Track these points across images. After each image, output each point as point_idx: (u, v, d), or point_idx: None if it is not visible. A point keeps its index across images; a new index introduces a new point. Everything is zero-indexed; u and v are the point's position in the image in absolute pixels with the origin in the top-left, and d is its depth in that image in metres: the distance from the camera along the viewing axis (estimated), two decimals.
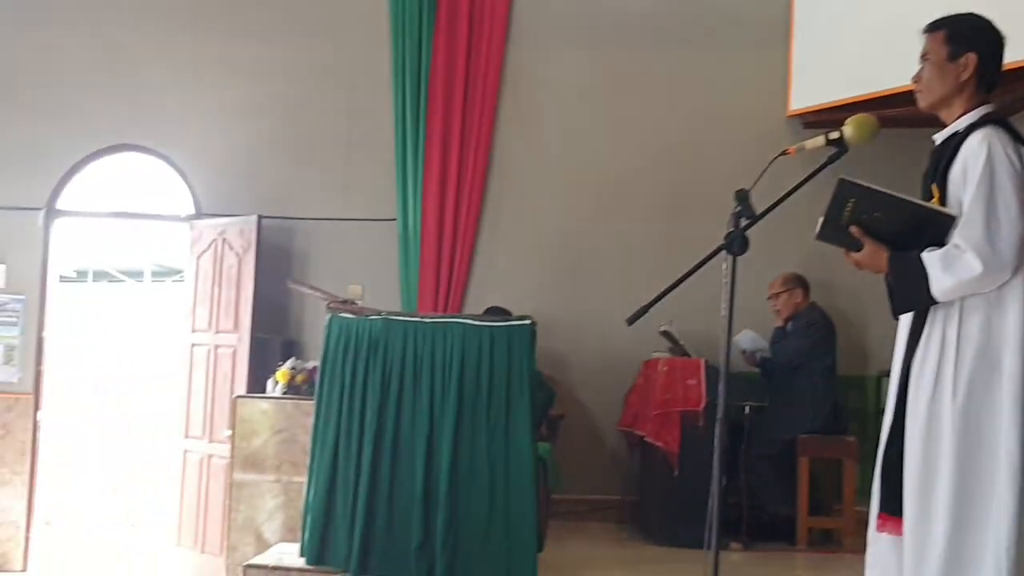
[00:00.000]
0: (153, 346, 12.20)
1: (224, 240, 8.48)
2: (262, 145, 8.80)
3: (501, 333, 6.24)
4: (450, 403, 6.17)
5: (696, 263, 3.96)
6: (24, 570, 8.64)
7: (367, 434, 6.22)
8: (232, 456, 7.59)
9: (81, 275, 13.02)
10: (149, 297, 12.67)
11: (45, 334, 8.91)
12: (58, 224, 9.06)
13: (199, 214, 8.81)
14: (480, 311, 7.55)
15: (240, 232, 8.37)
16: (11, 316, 8.86)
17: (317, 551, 6.24)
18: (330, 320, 6.49)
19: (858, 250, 3.77)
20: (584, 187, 8.60)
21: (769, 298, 7.77)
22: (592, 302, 8.38)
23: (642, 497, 7.93)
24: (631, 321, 4.08)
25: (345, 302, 7.16)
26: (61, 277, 9.74)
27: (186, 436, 8.58)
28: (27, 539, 8.71)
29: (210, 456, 8.28)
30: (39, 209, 8.89)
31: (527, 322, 6.21)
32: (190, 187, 8.87)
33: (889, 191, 3.70)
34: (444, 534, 6.03)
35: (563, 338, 8.19)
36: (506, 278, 8.49)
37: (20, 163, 8.92)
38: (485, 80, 8.59)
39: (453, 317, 6.67)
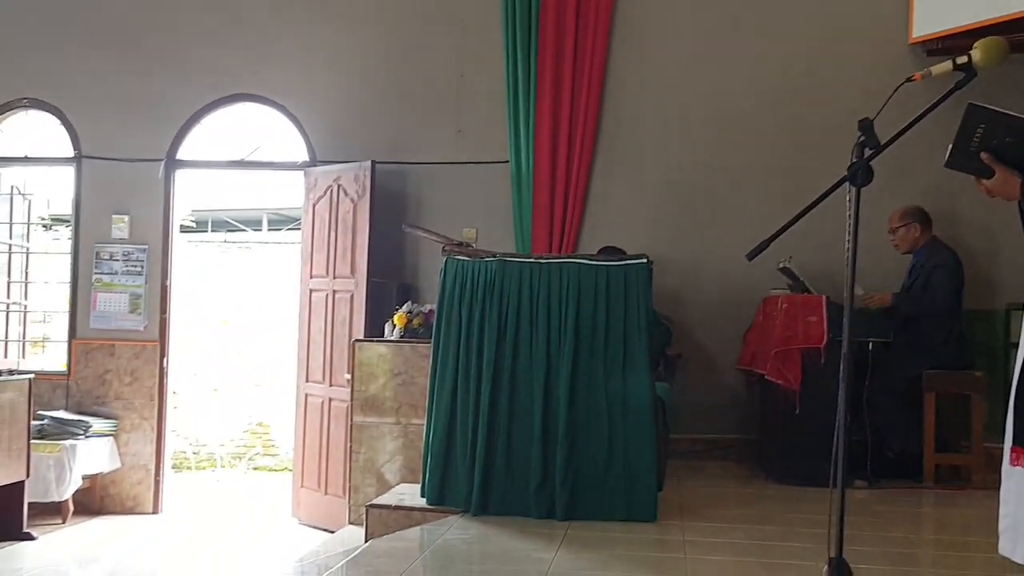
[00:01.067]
0: (272, 293, 12.39)
1: (339, 186, 8.54)
2: (375, 91, 8.82)
3: (617, 272, 6.20)
4: (567, 343, 6.15)
5: (817, 196, 3.85)
6: (155, 512, 8.91)
7: (485, 375, 6.24)
8: (352, 399, 7.70)
9: (201, 225, 13.27)
10: (267, 245, 12.85)
11: (169, 283, 9.09)
12: (178, 175, 9.21)
13: (314, 161, 8.89)
14: (594, 251, 7.49)
15: (355, 178, 8.42)
16: (136, 266, 9.06)
17: (437, 491, 6.29)
18: (446, 263, 6.50)
19: (989, 177, 3.64)
20: (699, 123, 8.45)
21: (889, 232, 7.58)
22: (708, 240, 8.26)
23: (762, 436, 7.84)
24: (751, 256, 4.00)
25: (460, 245, 7.18)
26: (182, 227, 9.93)
27: (306, 380, 8.71)
28: (157, 482, 8.96)
29: (330, 399, 8.40)
30: (160, 160, 9.05)
31: (643, 260, 6.15)
32: (305, 135, 8.94)
33: (1020, 115, 3.55)
34: (563, 474, 6.04)
35: (679, 277, 8.10)
36: (620, 217, 8.41)
37: (141, 116, 9.08)
38: (596, 16, 8.46)
39: (568, 257, 6.63)
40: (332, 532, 7.78)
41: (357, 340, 7.85)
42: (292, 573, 6.34)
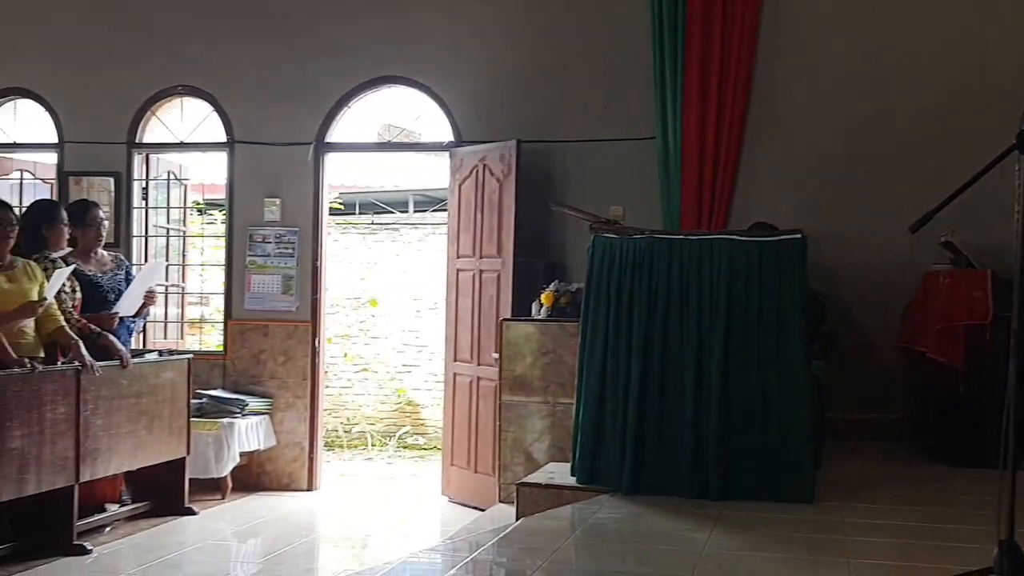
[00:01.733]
0: (420, 273, 12.50)
1: (485, 166, 8.55)
2: (519, 70, 8.80)
3: (770, 248, 6.08)
4: (719, 321, 6.06)
5: (984, 166, 3.70)
6: (310, 489, 9.08)
7: (634, 354, 6.19)
8: (500, 378, 7.72)
9: (348, 207, 13.46)
10: (414, 226, 12.97)
11: (319, 264, 9.24)
12: (327, 158, 9.34)
13: (459, 142, 8.91)
14: (744, 227, 7.34)
15: (500, 157, 8.42)
16: (287, 248, 9.23)
17: (588, 471, 6.27)
18: (594, 241, 6.46)
19: None
20: (855, 92, 8.21)
21: None
22: (864, 214, 8.03)
23: (922, 415, 7.61)
24: (915, 228, 3.88)
25: (608, 222, 7.13)
26: (330, 210, 10.08)
27: (455, 360, 8.77)
28: (311, 460, 9.13)
29: (478, 379, 8.44)
30: (309, 144, 9.19)
31: (797, 235, 6.02)
32: (450, 115, 8.97)
33: None
34: (717, 453, 5.95)
35: (833, 252, 7.87)
36: (771, 192, 8.23)
37: (291, 100, 9.23)
38: None
39: (719, 234, 6.53)
40: (482, 510, 7.82)
41: (504, 319, 7.88)
42: (443, 550, 6.37)
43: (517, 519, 6.07)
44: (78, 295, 7.34)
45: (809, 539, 5.23)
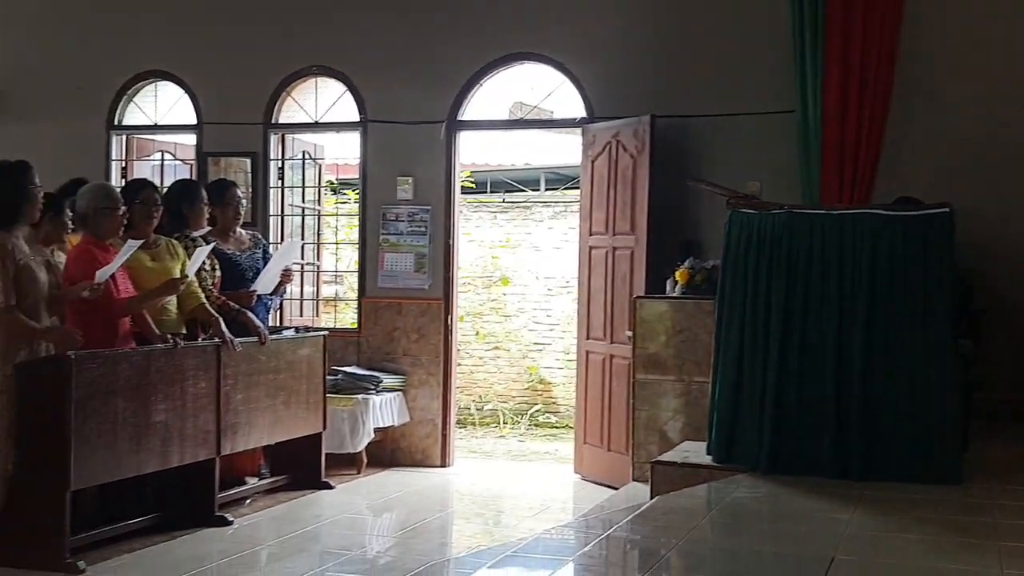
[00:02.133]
0: (551, 251, 12.47)
1: (618, 142, 8.46)
2: (653, 43, 8.68)
3: (916, 223, 5.91)
4: (861, 298, 5.92)
5: None
6: (444, 465, 9.12)
7: (773, 332, 6.08)
8: (633, 356, 7.66)
9: (480, 186, 13.48)
10: (545, 204, 12.93)
11: (452, 242, 9.26)
12: (459, 136, 9.35)
13: (592, 118, 8.83)
14: (888, 202, 7.11)
15: (634, 133, 8.32)
16: (420, 226, 9.27)
17: (725, 450, 6.18)
18: (731, 216, 6.35)
19: None
20: (1010, 60, 7.89)
21: None
22: (1018, 189, 7.73)
23: None
24: None
25: (745, 197, 7.00)
26: (462, 188, 10.10)
27: (587, 338, 8.71)
28: (444, 436, 9.18)
29: (611, 357, 8.37)
30: (441, 122, 9.21)
31: (945, 210, 5.82)
32: (582, 91, 8.90)
33: None
34: (859, 433, 5.82)
35: (983, 228, 7.54)
36: (917, 166, 7.96)
37: (423, 79, 9.26)
38: None
39: (862, 208, 6.36)
40: (615, 488, 7.77)
41: (638, 297, 7.80)
42: (576, 527, 6.35)
43: (652, 497, 6.02)
44: (218, 273, 7.48)
45: (956, 521, 5.06)
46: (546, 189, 13.77)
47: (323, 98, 9.73)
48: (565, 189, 13.30)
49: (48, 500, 5.84)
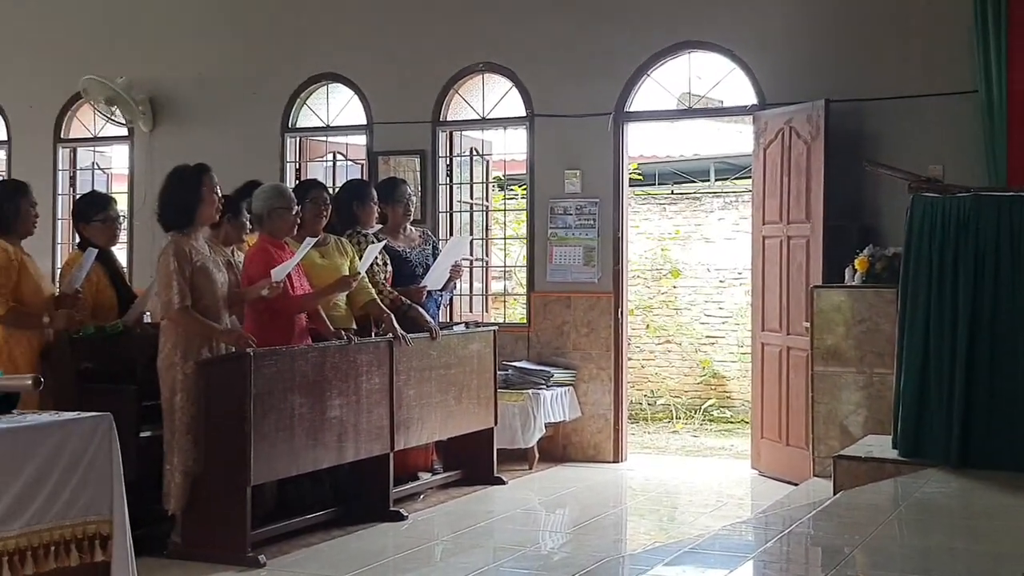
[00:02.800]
0: (723, 242, 12.26)
1: (791, 129, 8.23)
2: (826, 26, 8.42)
3: None
4: None
5: None
6: (616, 461, 9.03)
7: (960, 321, 5.82)
8: (811, 348, 7.44)
9: (647, 178, 13.33)
10: (715, 194, 12.72)
11: (621, 235, 9.16)
12: (627, 127, 9.23)
13: (763, 105, 8.62)
14: None
15: (807, 119, 8.08)
16: (588, 219, 9.19)
17: (911, 443, 5.95)
18: (913, 201, 6.12)
19: None
20: None
21: None
22: None
23: None
24: None
25: (928, 181, 6.73)
26: (630, 180, 9.98)
27: (762, 329, 8.50)
28: (617, 431, 9.07)
29: (788, 348, 8.15)
30: (608, 114, 9.11)
31: None
32: (753, 78, 8.69)
33: None
34: None
35: None
36: None
37: (589, 70, 9.17)
38: None
39: None
40: (795, 484, 7.56)
41: (815, 287, 7.58)
42: (755, 523, 6.19)
43: (835, 493, 5.82)
44: (389, 269, 7.55)
45: None
46: (716, 179, 13.53)
47: (490, 94, 9.73)
48: (735, 179, 13.05)
49: (229, 495, 5.96)
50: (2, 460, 3.78)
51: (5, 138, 11.17)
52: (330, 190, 7.63)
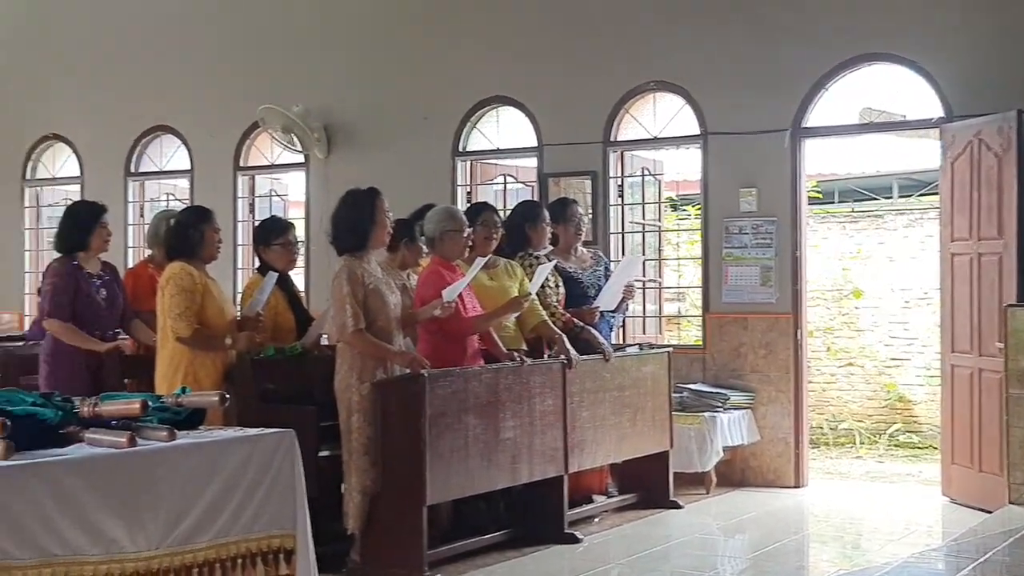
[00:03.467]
0: (907, 262, 11.82)
1: (980, 141, 7.88)
2: (1013, 33, 8.06)
3: None
4: None
5: None
6: (796, 486, 8.75)
7: None
8: (1005, 370, 7.09)
9: (827, 196, 13.00)
10: (898, 212, 12.30)
11: (799, 254, 8.91)
12: (804, 144, 8.99)
13: (950, 117, 8.28)
14: None
15: (997, 131, 7.72)
16: (765, 238, 8.98)
17: None
18: None
19: None
20: None
21: None
22: None
23: None
24: None
25: None
26: (809, 198, 9.72)
27: (952, 351, 8.14)
28: (797, 456, 8.81)
29: (980, 370, 7.78)
30: (785, 130, 8.89)
31: None
32: (938, 89, 8.36)
33: None
34: None
35: None
36: None
37: (764, 86, 8.97)
38: None
39: None
40: (989, 512, 7.19)
41: (1009, 305, 7.23)
42: (946, 552, 5.90)
43: None
44: (561, 290, 7.50)
45: None
46: (899, 196, 13.10)
47: (661, 113, 9.61)
48: (920, 195, 12.61)
49: (406, 515, 5.99)
50: (191, 474, 3.84)
51: (188, 167, 11.54)
52: (501, 213, 7.62)
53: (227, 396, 4.08)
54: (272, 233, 6.85)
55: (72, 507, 3.51)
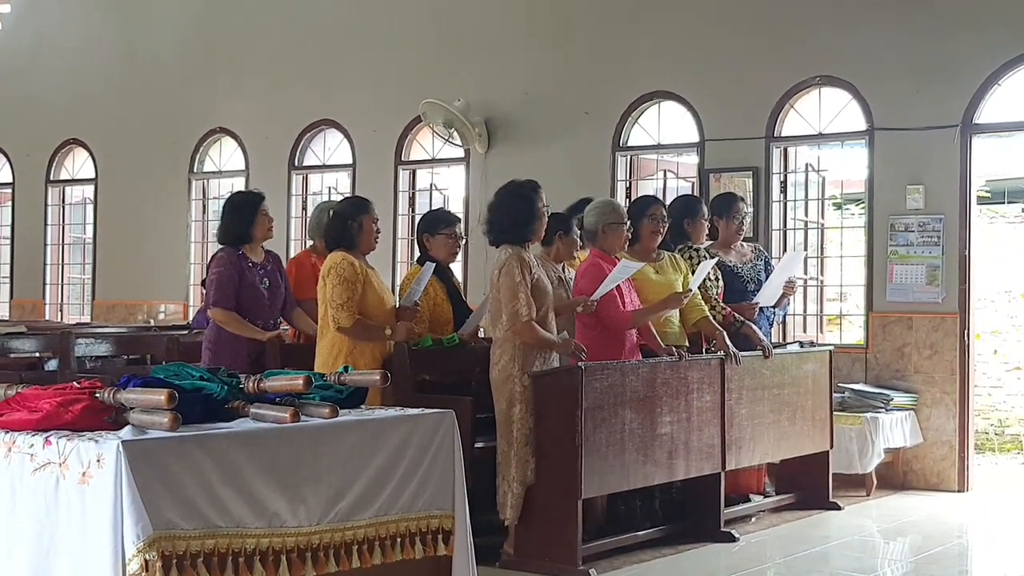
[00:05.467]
0: None
1: None
2: None
3: None
4: None
5: None
6: (960, 490, 8.51)
7: None
8: None
9: (996, 196, 12.57)
10: None
11: (968, 253, 8.65)
12: (975, 141, 8.72)
13: None
14: None
15: None
16: (932, 236, 8.74)
17: None
18: None
19: None
20: None
21: None
22: None
23: None
24: None
25: None
26: (978, 198, 9.42)
27: None
28: (961, 460, 8.56)
29: None
30: (955, 126, 8.64)
31: None
32: None
33: None
34: None
35: None
36: None
37: (933, 81, 8.76)
38: None
39: None
40: None
41: None
42: None
43: None
44: (721, 284, 7.43)
45: None
46: None
47: (826, 108, 9.43)
48: None
49: (560, 508, 5.98)
50: (352, 451, 3.92)
51: (351, 161, 11.76)
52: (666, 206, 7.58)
53: (388, 376, 4.15)
54: (440, 223, 6.88)
55: (236, 480, 3.61)
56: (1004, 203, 12.77)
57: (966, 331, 8.62)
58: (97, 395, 3.63)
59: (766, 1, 9.60)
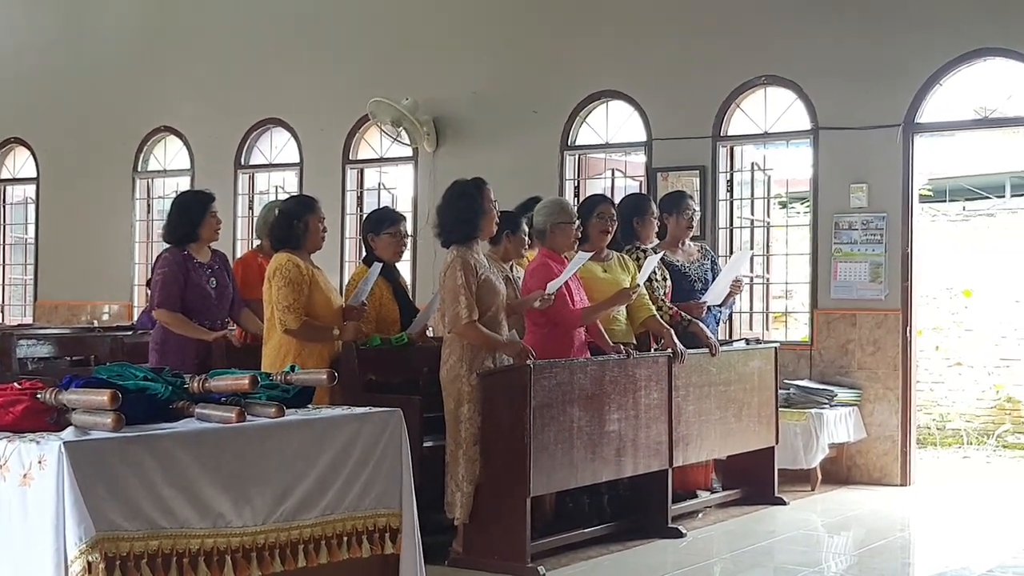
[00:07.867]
0: (1018, 262, 11.56)
1: None
2: None
3: None
4: None
5: None
6: (903, 485, 8.63)
7: None
8: None
9: (937, 194, 12.75)
10: (1012, 212, 12.03)
11: (909, 251, 8.77)
12: (916, 140, 8.84)
13: None
14: None
15: None
16: (875, 234, 8.85)
17: None
18: None
19: None
20: None
21: None
22: None
23: None
24: None
25: None
26: (920, 197, 9.56)
27: None
28: (904, 454, 8.68)
29: None
30: (896, 126, 8.76)
31: None
32: None
33: None
34: None
35: None
36: None
37: (876, 81, 8.86)
38: None
39: None
40: None
41: None
42: None
43: None
44: (668, 284, 7.47)
45: None
46: (1012, 196, 12.80)
47: (772, 108, 9.52)
48: None
49: (509, 506, 5.98)
50: (299, 450, 3.91)
51: (298, 160, 11.70)
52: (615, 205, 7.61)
53: (335, 375, 4.14)
54: (384, 222, 6.84)
55: (180, 480, 3.60)
56: (946, 201, 12.97)
57: (908, 328, 8.74)
58: (39, 396, 3.60)
59: (712, 2, 9.67)
